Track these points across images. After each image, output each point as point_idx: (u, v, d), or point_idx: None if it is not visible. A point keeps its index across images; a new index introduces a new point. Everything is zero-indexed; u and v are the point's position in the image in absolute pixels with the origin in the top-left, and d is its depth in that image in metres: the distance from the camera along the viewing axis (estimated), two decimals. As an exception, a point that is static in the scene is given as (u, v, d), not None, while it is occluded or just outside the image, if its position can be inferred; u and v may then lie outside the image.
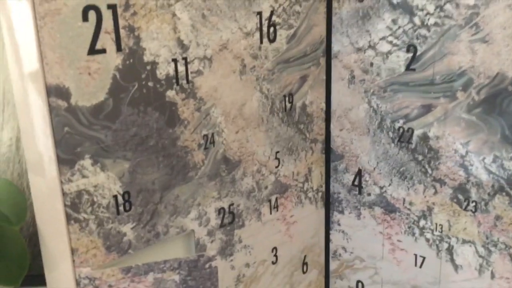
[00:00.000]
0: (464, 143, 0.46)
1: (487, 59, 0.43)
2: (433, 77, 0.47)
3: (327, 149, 0.56)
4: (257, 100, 0.48)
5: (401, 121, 0.50)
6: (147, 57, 0.39)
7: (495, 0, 0.42)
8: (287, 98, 0.51)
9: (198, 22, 0.42)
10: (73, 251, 0.38)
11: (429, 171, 0.49)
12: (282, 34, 0.48)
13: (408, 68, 0.48)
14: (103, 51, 0.36)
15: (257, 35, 0.46)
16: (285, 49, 0.49)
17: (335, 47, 0.53)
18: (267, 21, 0.47)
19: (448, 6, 0.44)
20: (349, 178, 0.55)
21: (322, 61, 0.53)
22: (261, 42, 0.47)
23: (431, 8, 0.45)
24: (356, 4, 0.50)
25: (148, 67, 0.39)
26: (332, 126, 0.55)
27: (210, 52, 0.43)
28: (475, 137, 0.46)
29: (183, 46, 0.41)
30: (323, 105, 0.55)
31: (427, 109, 0.48)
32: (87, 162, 0.37)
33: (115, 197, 0.39)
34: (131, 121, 0.39)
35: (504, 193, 0.45)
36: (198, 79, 0.43)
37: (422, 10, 0.46)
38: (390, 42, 0.49)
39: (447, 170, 0.48)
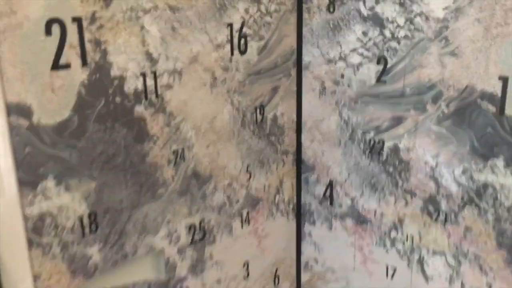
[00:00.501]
0: (434, 155, 0.47)
1: (457, 72, 0.44)
2: (404, 89, 0.47)
3: (298, 161, 0.55)
4: (228, 113, 0.47)
5: (372, 133, 0.50)
6: (114, 72, 0.37)
7: (464, 14, 0.42)
8: (258, 110, 0.50)
9: (167, 35, 0.40)
10: (35, 278, 0.36)
11: (400, 182, 0.49)
12: (253, 46, 0.47)
13: (379, 80, 0.48)
14: (67, 66, 0.34)
15: (228, 47, 0.45)
16: (256, 60, 0.48)
17: (306, 58, 0.52)
18: (238, 33, 0.46)
19: (418, 19, 0.45)
20: (320, 189, 0.55)
21: (293, 72, 0.53)
22: (232, 54, 0.46)
23: (401, 21, 0.45)
24: (326, 15, 0.50)
25: (116, 82, 0.37)
26: (303, 137, 0.55)
27: (180, 65, 0.42)
28: (445, 149, 0.46)
29: (152, 60, 0.40)
30: (294, 116, 0.54)
31: (398, 121, 0.48)
32: (50, 183, 0.35)
33: (81, 218, 0.37)
34: (97, 139, 0.37)
35: (473, 205, 0.45)
36: (168, 93, 0.41)
37: (392, 22, 0.46)
38: (361, 54, 0.49)
39: (417, 182, 0.48)
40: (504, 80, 0.42)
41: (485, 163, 0.44)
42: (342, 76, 0.50)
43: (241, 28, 0.46)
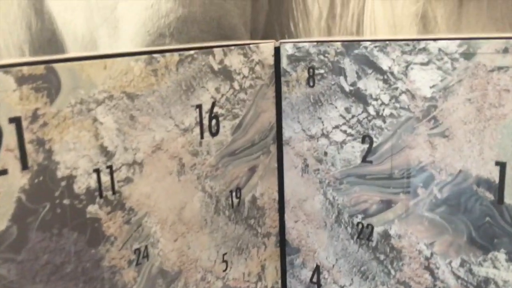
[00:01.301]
0: (428, 244, 0.42)
1: (449, 155, 0.40)
2: (392, 171, 0.43)
3: (282, 242, 0.51)
4: (199, 201, 0.43)
5: (360, 216, 0.45)
6: (61, 172, 0.33)
7: (453, 93, 0.38)
8: (234, 194, 0.46)
9: (125, 125, 0.36)
10: None
11: (392, 272, 0.44)
12: (226, 126, 0.44)
13: (364, 160, 0.44)
14: (4, 172, 0.31)
15: (197, 130, 0.41)
16: (230, 141, 0.44)
17: (286, 133, 0.48)
18: (208, 114, 0.42)
19: (403, 97, 0.41)
20: (306, 274, 0.50)
21: (273, 148, 0.49)
22: (202, 137, 0.42)
23: (385, 98, 0.42)
24: (306, 89, 0.46)
25: (63, 183, 0.33)
26: (286, 217, 0.50)
27: (141, 155, 0.38)
28: (440, 238, 0.41)
29: (108, 153, 0.36)
30: (276, 195, 0.50)
31: (387, 205, 0.44)
32: (-16, 304, 0.31)
33: None
34: (41, 248, 0.33)
35: (474, 302, 0.40)
36: (127, 188, 0.37)
37: (376, 99, 0.42)
38: (344, 132, 0.45)
39: (411, 273, 0.43)
40: (502, 166, 0.38)
41: (485, 255, 0.39)
42: (325, 154, 0.46)
43: (212, 108, 0.42)
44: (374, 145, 0.43)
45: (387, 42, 0.41)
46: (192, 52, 0.40)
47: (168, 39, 0.51)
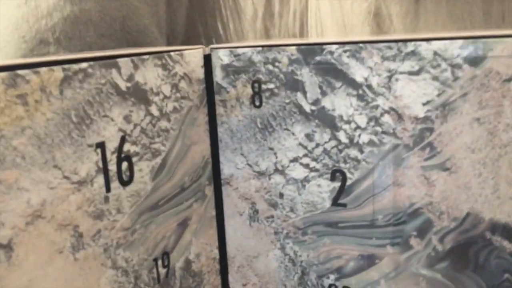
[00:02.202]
0: (426, 310, 0.32)
1: (451, 194, 0.30)
2: (374, 216, 0.32)
3: (227, 313, 0.38)
4: (108, 282, 0.29)
5: (332, 277, 0.34)
6: None
7: (456, 111, 0.28)
8: (160, 262, 0.32)
9: (-27, 189, 0.22)
10: None
11: None
12: (144, 169, 0.31)
13: (335, 202, 0.33)
14: None
15: (100, 180, 0.28)
16: (150, 189, 0.31)
17: (225, 170, 0.36)
18: (115, 155, 0.29)
19: (387, 118, 0.30)
20: None
21: (209, 190, 0.36)
22: (108, 189, 0.28)
23: (361, 120, 0.31)
24: (251, 110, 0.34)
25: None
26: (231, 279, 0.38)
27: (8, 232, 0.24)
28: (442, 302, 0.31)
29: None
30: (216, 253, 0.37)
31: (369, 261, 0.33)
32: None
33: None
34: None
35: None
36: (-15, 289, 0.23)
37: (348, 122, 0.31)
38: (306, 166, 0.33)
39: None
40: (525, 206, 0.28)
41: (504, 323, 0.30)
42: (281, 195, 0.34)
43: (121, 146, 0.29)
44: (348, 182, 0.32)
45: (361, 44, 0.30)
46: (84, 65, 0.26)
47: (53, 47, 0.37)
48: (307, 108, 0.32)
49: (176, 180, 0.33)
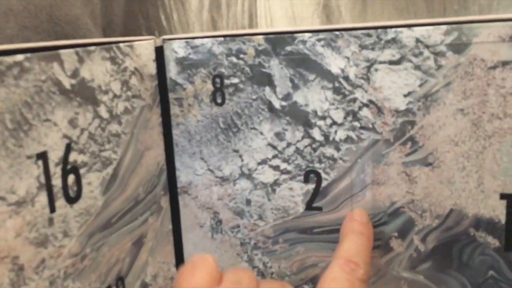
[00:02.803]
0: (409, 315, 0.30)
1: (434, 190, 0.28)
2: (352, 219, 0.29)
3: (188, 336, 0.34)
4: (57, 322, 0.24)
5: (308, 287, 0.31)
6: None
7: (438, 102, 0.27)
8: (115, 289, 0.28)
9: None
10: None
11: None
12: (93, 182, 0.26)
13: (310, 206, 0.30)
14: None
15: (42, 199, 0.23)
16: (101, 205, 0.26)
17: (182, 177, 0.32)
18: (60, 166, 0.24)
19: (365, 112, 0.28)
20: None
21: (165, 202, 0.32)
22: (53, 209, 0.23)
23: (338, 115, 0.28)
24: (212, 109, 0.30)
25: None
26: (191, 298, 0.34)
27: None
28: (426, 304, 0.30)
29: None
30: (174, 272, 0.33)
31: (347, 267, 0.30)
32: None
33: None
34: None
35: None
36: None
37: (323, 118, 0.29)
38: (277, 168, 0.30)
39: None
40: (509, 199, 0.27)
41: (489, 322, 0.29)
42: (248, 202, 0.31)
43: (66, 156, 0.24)
44: (324, 184, 0.29)
45: (337, 32, 0.27)
46: (20, 57, 0.21)
47: (-34, 40, 0.30)
48: (277, 104, 0.29)
49: (129, 192, 0.28)
